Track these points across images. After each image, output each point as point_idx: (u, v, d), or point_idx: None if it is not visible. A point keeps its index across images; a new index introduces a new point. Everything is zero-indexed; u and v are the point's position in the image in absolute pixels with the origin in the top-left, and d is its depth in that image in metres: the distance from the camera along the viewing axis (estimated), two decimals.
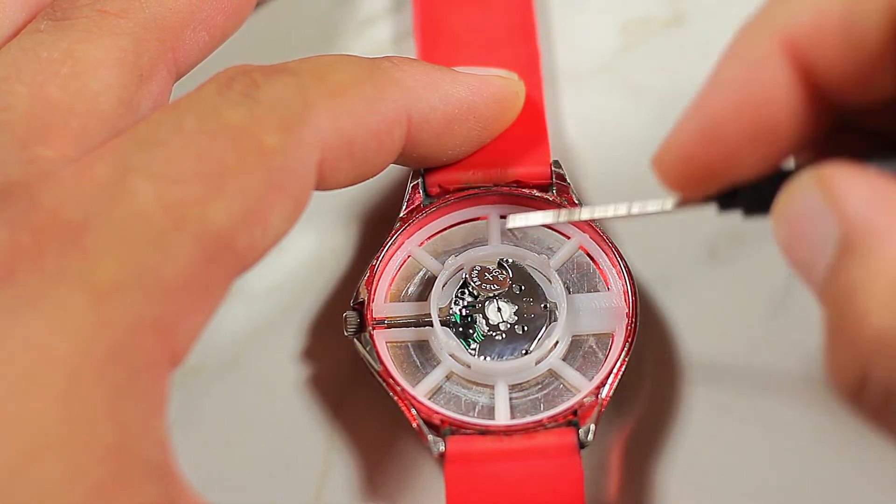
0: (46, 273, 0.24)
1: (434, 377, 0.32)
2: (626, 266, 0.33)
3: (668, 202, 0.29)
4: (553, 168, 0.34)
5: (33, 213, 0.25)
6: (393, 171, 0.33)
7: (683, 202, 0.28)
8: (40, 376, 0.23)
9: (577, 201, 0.33)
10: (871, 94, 0.25)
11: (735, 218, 0.28)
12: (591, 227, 0.33)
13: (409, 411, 0.31)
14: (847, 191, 0.24)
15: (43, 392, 0.23)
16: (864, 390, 0.24)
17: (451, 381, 0.32)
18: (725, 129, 0.26)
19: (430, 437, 0.30)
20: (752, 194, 0.27)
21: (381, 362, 0.31)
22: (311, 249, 0.35)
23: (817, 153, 0.27)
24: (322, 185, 0.29)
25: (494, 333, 0.32)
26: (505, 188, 0.33)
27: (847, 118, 0.26)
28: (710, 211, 0.28)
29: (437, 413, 0.31)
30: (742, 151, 0.26)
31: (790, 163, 0.27)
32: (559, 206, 0.33)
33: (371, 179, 0.31)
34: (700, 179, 0.27)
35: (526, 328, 0.32)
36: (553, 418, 0.31)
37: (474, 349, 0.32)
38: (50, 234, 0.25)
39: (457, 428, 0.30)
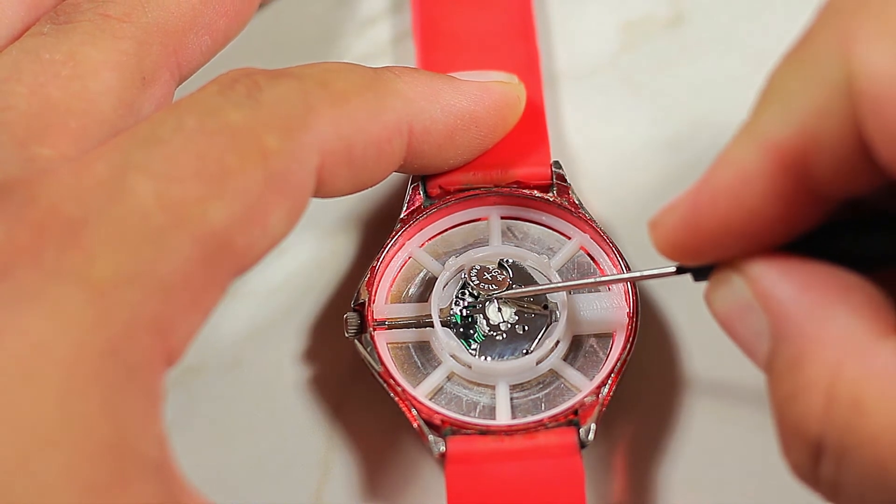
0: (44, 270, 0.24)
1: (435, 378, 0.32)
2: (627, 266, 0.33)
3: (643, 272, 0.30)
4: (553, 169, 0.34)
5: (32, 209, 0.25)
6: (393, 173, 0.33)
7: (646, 275, 0.30)
8: (37, 373, 0.23)
9: (577, 202, 0.33)
10: (859, 188, 0.25)
11: None
12: (592, 227, 0.33)
13: (410, 412, 0.31)
14: (774, 287, 0.25)
15: (40, 389, 0.23)
16: (816, 480, 0.25)
17: (452, 381, 0.32)
18: (713, 228, 0.26)
19: (431, 437, 0.30)
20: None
21: (382, 363, 0.31)
22: (311, 250, 0.35)
23: None
24: (321, 192, 0.29)
25: (495, 334, 0.32)
26: (505, 189, 0.34)
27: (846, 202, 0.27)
28: None
29: (438, 413, 0.31)
30: (729, 245, 0.26)
31: None
32: (559, 206, 0.33)
33: None
34: (689, 256, 0.27)
35: (527, 328, 0.32)
36: (554, 418, 0.31)
37: (475, 349, 0.32)
38: (48, 230, 0.25)
39: (458, 428, 0.31)
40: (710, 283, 0.27)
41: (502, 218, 0.34)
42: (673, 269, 0.28)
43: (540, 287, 0.32)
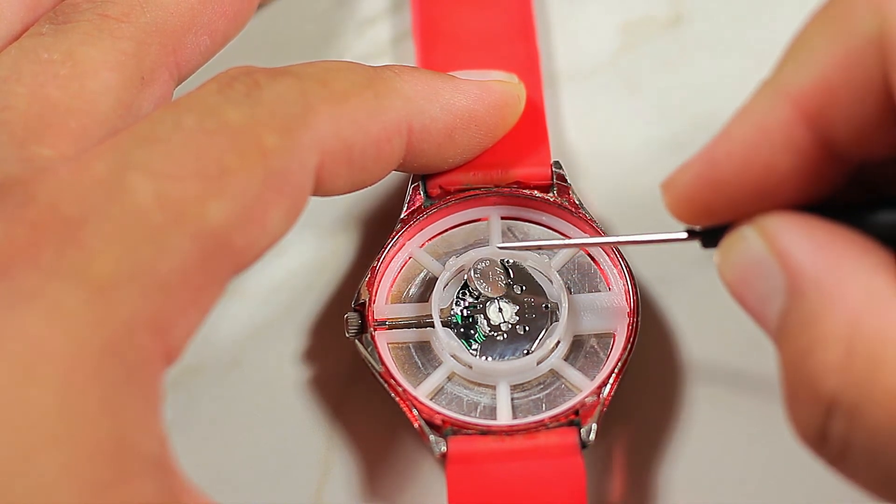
0: (43, 268, 0.24)
1: (436, 378, 0.32)
2: (627, 266, 0.33)
3: (650, 235, 0.30)
4: (554, 169, 0.34)
5: (30, 208, 0.25)
6: (394, 173, 0.33)
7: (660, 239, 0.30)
8: (36, 372, 0.23)
9: (577, 202, 0.33)
10: (878, 149, 0.25)
11: None
12: (593, 227, 0.33)
13: (411, 412, 0.31)
14: (792, 242, 0.25)
15: (39, 388, 0.23)
16: (823, 442, 0.25)
17: (453, 381, 0.32)
18: (729, 182, 0.26)
19: (432, 437, 0.30)
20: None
21: (383, 363, 0.31)
22: (311, 250, 0.35)
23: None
24: (320, 191, 0.29)
25: (496, 334, 0.32)
26: (506, 189, 0.34)
27: (866, 170, 0.27)
28: None
29: (439, 413, 0.31)
30: (745, 202, 0.26)
31: None
32: (560, 206, 0.33)
33: None
34: (703, 216, 0.27)
35: (527, 328, 0.32)
36: (555, 418, 0.31)
37: (476, 350, 0.32)
38: (46, 229, 0.25)
39: (458, 428, 0.31)
40: (724, 242, 0.27)
41: (503, 218, 0.34)
42: (684, 234, 0.28)
43: (553, 243, 0.32)
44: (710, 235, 0.28)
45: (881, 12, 0.24)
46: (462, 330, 0.32)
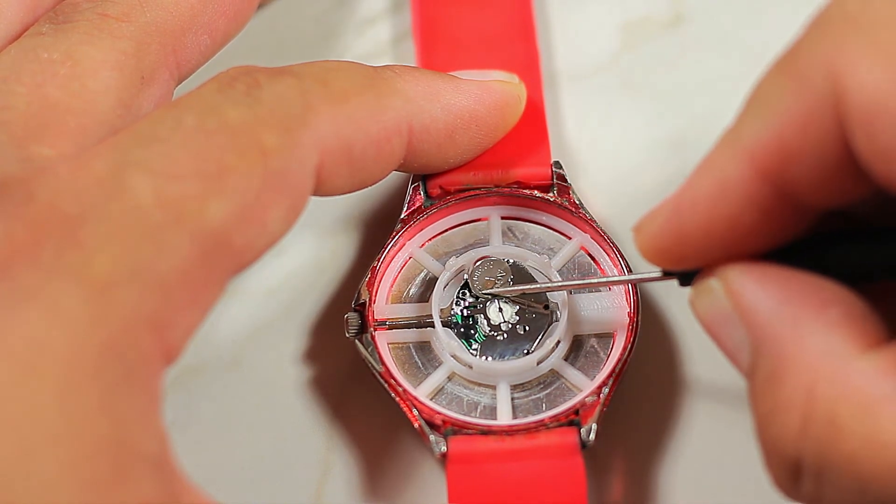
0: (42, 267, 0.24)
1: (436, 378, 0.32)
2: (628, 266, 0.33)
3: (629, 276, 0.31)
4: (554, 169, 0.34)
5: (29, 206, 0.25)
6: (394, 173, 0.33)
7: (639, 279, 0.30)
8: (36, 371, 0.23)
9: (577, 202, 0.33)
10: (840, 200, 0.25)
11: None
12: (592, 227, 0.33)
13: (411, 412, 0.31)
14: (753, 299, 0.25)
15: (38, 386, 0.23)
16: (798, 495, 0.25)
17: (453, 381, 0.32)
18: (693, 235, 0.26)
19: (432, 437, 0.30)
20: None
21: (383, 363, 0.31)
22: (312, 250, 0.35)
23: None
24: (320, 191, 0.29)
25: (496, 334, 0.32)
26: (506, 189, 0.34)
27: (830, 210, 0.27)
28: None
29: (439, 413, 0.31)
30: (712, 251, 0.26)
31: None
32: (560, 206, 0.33)
33: None
34: (673, 261, 0.27)
35: (527, 328, 0.32)
36: (555, 418, 0.31)
37: (476, 350, 0.32)
38: (46, 227, 0.25)
39: (459, 428, 0.31)
40: (693, 289, 0.27)
41: (503, 218, 0.34)
42: (658, 273, 0.28)
43: (534, 286, 0.32)
44: (685, 276, 0.28)
45: (834, 69, 0.24)
46: (462, 330, 0.32)
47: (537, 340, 0.32)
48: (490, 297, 0.32)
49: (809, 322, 0.25)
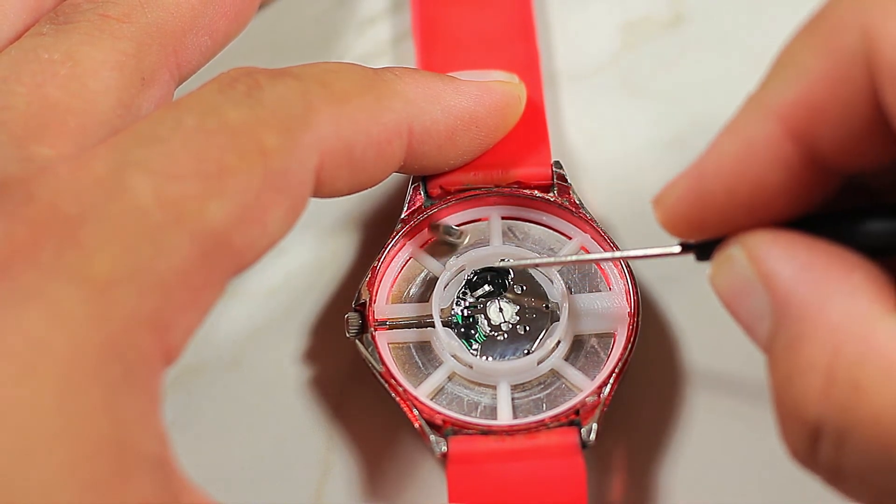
0: (42, 267, 0.24)
1: (436, 378, 0.32)
2: (628, 266, 0.33)
3: (645, 251, 0.30)
4: (554, 169, 0.34)
5: (29, 206, 0.25)
6: (394, 173, 0.33)
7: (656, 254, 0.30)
8: (35, 371, 0.23)
9: (577, 202, 0.34)
10: (866, 162, 0.25)
11: None
12: (592, 227, 0.33)
13: (412, 412, 0.31)
14: (776, 264, 0.25)
15: (39, 387, 0.23)
16: (815, 463, 0.25)
17: (454, 381, 0.32)
18: (718, 199, 0.26)
19: (433, 437, 0.30)
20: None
21: (384, 363, 0.31)
22: (312, 250, 0.35)
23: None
24: (320, 192, 0.29)
25: (496, 334, 0.32)
26: (506, 189, 0.34)
27: (853, 179, 0.27)
28: None
29: (440, 413, 0.31)
30: (734, 217, 0.26)
31: None
32: (560, 206, 0.33)
33: None
34: (695, 230, 0.27)
35: (528, 328, 0.32)
36: (555, 418, 0.31)
37: (476, 349, 0.32)
38: (46, 228, 0.25)
39: (459, 428, 0.31)
40: (714, 260, 0.27)
41: (503, 218, 0.34)
42: (677, 247, 0.28)
43: (548, 260, 0.32)
44: (703, 249, 0.28)
45: (866, 27, 0.24)
46: (463, 330, 0.32)
47: (537, 340, 0.32)
48: (507, 269, 0.32)
49: (834, 285, 0.24)
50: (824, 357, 0.24)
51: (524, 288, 0.33)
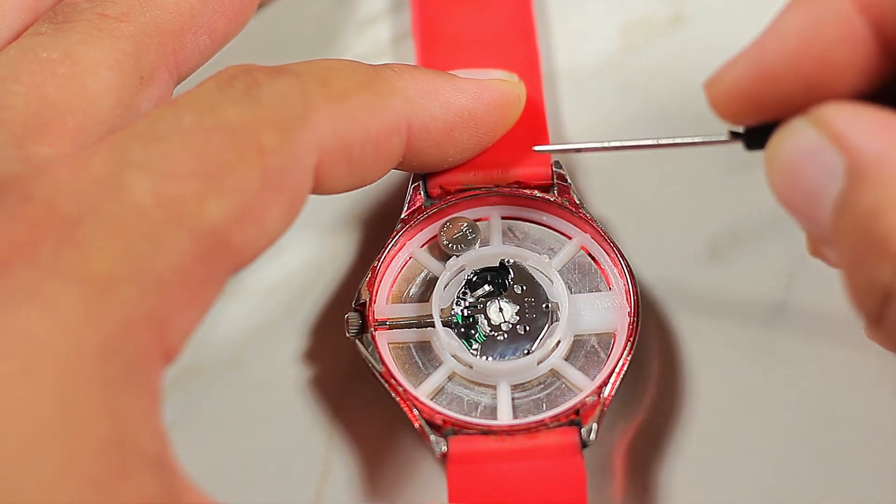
0: (41, 267, 0.24)
1: (436, 378, 0.32)
2: (628, 265, 0.33)
3: (689, 138, 0.29)
4: (554, 168, 0.34)
5: (28, 205, 0.25)
6: (394, 172, 0.33)
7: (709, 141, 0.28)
8: (34, 370, 0.23)
9: (577, 202, 0.33)
10: None
11: (735, 217, 0.28)
12: (593, 227, 0.33)
13: (412, 412, 0.31)
14: (850, 125, 0.24)
15: (38, 386, 0.23)
16: (886, 311, 0.24)
17: (454, 381, 0.32)
18: (781, 75, 0.25)
19: (433, 437, 0.30)
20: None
21: (384, 363, 0.31)
22: (312, 250, 0.35)
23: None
24: (318, 190, 0.29)
25: (496, 334, 0.32)
26: (506, 189, 0.34)
27: None
28: (710, 210, 0.28)
29: (440, 413, 0.31)
30: (796, 97, 0.26)
31: None
32: (560, 206, 0.33)
33: None
34: (751, 113, 0.26)
35: (528, 328, 0.32)
36: (555, 418, 0.31)
37: (476, 349, 0.32)
38: (45, 226, 0.25)
39: (459, 428, 0.31)
40: (774, 137, 0.26)
41: (503, 218, 0.34)
42: (725, 136, 0.27)
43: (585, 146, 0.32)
44: (753, 136, 0.27)
45: None
46: (463, 330, 0.32)
47: (537, 340, 0.32)
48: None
49: None
50: None
51: (524, 288, 0.33)
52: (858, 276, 0.24)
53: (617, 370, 0.31)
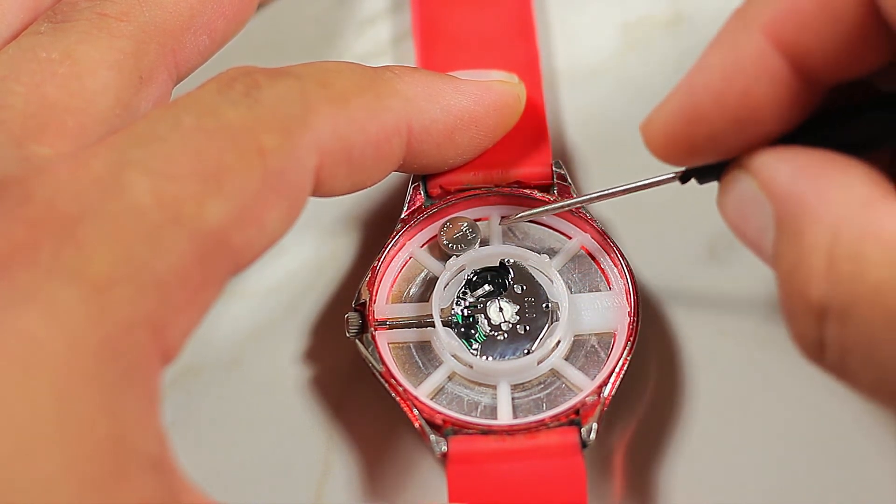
0: (40, 267, 0.24)
1: (436, 377, 0.32)
2: (628, 265, 0.33)
3: (644, 181, 0.30)
4: (554, 168, 0.34)
5: (28, 206, 0.25)
6: (394, 173, 0.33)
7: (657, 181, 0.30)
8: (34, 371, 0.23)
9: (573, 194, 0.34)
10: (856, 70, 0.26)
11: None
12: (593, 226, 0.33)
13: (412, 412, 0.31)
14: (774, 173, 0.26)
15: (37, 387, 0.23)
16: (822, 351, 0.25)
17: (454, 381, 0.32)
18: (708, 113, 0.26)
19: (433, 437, 0.30)
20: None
21: (384, 363, 0.31)
22: (312, 250, 0.35)
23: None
24: (319, 191, 0.29)
25: (496, 333, 0.32)
26: (506, 189, 0.34)
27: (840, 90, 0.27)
28: (710, 210, 0.28)
29: (440, 413, 0.31)
30: (724, 134, 0.26)
31: None
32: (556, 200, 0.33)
33: None
34: (684, 153, 0.27)
35: (528, 328, 0.32)
36: (555, 418, 0.31)
37: (476, 349, 0.32)
38: (44, 227, 0.25)
39: (459, 428, 0.31)
40: (720, 186, 0.27)
41: (503, 218, 0.34)
42: (674, 174, 0.28)
43: (547, 208, 0.33)
44: (703, 173, 0.28)
45: None
46: (463, 330, 0.32)
47: (538, 340, 0.32)
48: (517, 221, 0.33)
49: (831, 179, 0.25)
50: (825, 238, 0.24)
51: (524, 288, 0.33)
52: (792, 324, 0.26)
53: (617, 370, 0.31)
